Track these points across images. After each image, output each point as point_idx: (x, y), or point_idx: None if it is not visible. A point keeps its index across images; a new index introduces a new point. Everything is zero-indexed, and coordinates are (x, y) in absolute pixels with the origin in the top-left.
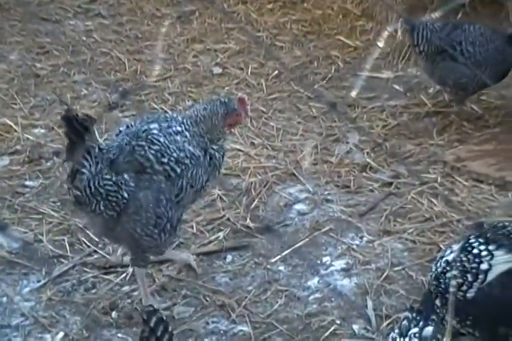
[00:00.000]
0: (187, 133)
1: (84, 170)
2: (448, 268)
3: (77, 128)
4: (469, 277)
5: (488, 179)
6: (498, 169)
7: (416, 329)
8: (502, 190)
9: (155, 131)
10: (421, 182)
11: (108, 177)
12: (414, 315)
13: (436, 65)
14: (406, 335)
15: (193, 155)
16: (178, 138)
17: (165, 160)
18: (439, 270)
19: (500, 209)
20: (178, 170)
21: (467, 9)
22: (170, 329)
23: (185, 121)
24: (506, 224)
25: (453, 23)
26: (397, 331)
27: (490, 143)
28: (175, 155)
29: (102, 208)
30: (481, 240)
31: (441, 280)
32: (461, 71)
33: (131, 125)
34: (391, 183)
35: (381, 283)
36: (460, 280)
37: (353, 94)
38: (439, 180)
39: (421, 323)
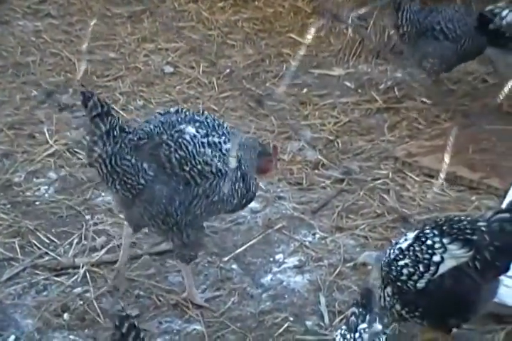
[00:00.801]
0: (224, 146)
1: (96, 147)
2: (401, 256)
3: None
4: (421, 267)
5: (438, 174)
6: (448, 164)
7: (364, 325)
8: (453, 185)
9: (187, 137)
10: (372, 179)
11: (128, 157)
12: (360, 310)
13: (417, 46)
14: (356, 331)
15: (219, 171)
16: (210, 151)
17: (187, 168)
18: (392, 257)
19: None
20: (198, 181)
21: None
22: (141, 335)
23: (228, 132)
24: (462, 218)
25: (428, 8)
26: (345, 327)
27: (440, 139)
28: (199, 167)
29: (118, 187)
30: (435, 232)
31: (393, 268)
32: (444, 46)
33: (180, 111)
34: (343, 180)
35: (334, 279)
36: (411, 270)
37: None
38: (390, 175)
39: (367, 318)
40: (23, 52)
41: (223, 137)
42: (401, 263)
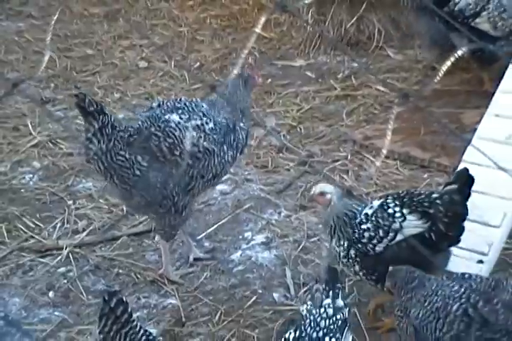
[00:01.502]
0: (206, 127)
1: (91, 145)
2: (364, 221)
3: (83, 108)
4: (381, 232)
5: (393, 154)
6: (402, 145)
7: (328, 300)
8: (406, 164)
9: (173, 125)
10: (333, 160)
11: (122, 153)
12: (323, 286)
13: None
14: (321, 306)
15: (206, 150)
16: (194, 133)
17: (177, 153)
18: (357, 220)
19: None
20: (190, 163)
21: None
22: (129, 310)
23: (207, 112)
24: (421, 192)
25: None
26: (310, 303)
27: (394, 122)
28: (187, 149)
29: (116, 181)
30: (397, 202)
31: (357, 230)
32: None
33: (162, 103)
34: (306, 162)
35: (298, 254)
36: (372, 234)
37: None
38: (349, 157)
39: (331, 293)
40: (7, 51)
41: (204, 118)
42: (364, 226)
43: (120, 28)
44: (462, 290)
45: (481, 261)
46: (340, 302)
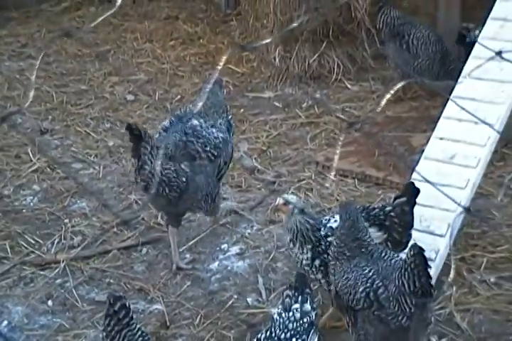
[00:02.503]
0: (217, 122)
1: (145, 166)
2: (330, 234)
3: (136, 135)
4: None
5: (351, 174)
6: (358, 165)
7: (297, 305)
8: (363, 182)
9: (198, 128)
10: (298, 180)
11: (168, 167)
12: (293, 292)
13: (388, 46)
14: (290, 310)
15: (223, 139)
16: (214, 129)
17: (207, 148)
18: (322, 233)
19: None
20: (217, 153)
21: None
22: (131, 314)
23: (210, 115)
24: (375, 206)
25: (408, 20)
26: (281, 307)
27: (352, 146)
28: (213, 143)
29: (166, 191)
30: None
31: (323, 243)
32: (404, 56)
33: (172, 121)
34: (274, 182)
35: (269, 263)
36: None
37: None
38: (312, 177)
39: (299, 298)
40: (10, 88)
41: (214, 116)
42: (330, 239)
43: (110, 66)
44: (370, 274)
45: (429, 266)
46: (307, 306)
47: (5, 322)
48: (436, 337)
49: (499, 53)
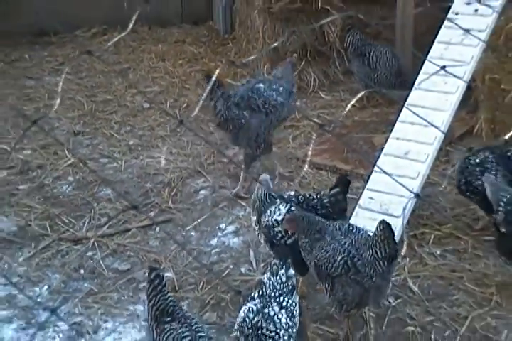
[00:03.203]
0: (280, 88)
1: (218, 105)
2: (276, 225)
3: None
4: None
5: (325, 167)
6: (330, 160)
7: (282, 271)
8: (334, 174)
9: (261, 89)
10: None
11: (234, 110)
12: (279, 261)
13: (353, 63)
14: (277, 275)
15: (281, 102)
16: (274, 93)
17: (266, 106)
18: (270, 224)
19: None
20: (272, 110)
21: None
22: (164, 282)
23: (276, 82)
24: (314, 196)
25: (368, 42)
26: (269, 273)
27: (325, 144)
28: (272, 103)
29: (231, 128)
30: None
31: (271, 231)
32: (366, 70)
33: (249, 81)
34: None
35: (258, 239)
36: (283, 233)
37: None
38: (293, 170)
39: (284, 266)
40: (49, 97)
41: (277, 84)
42: (276, 229)
43: (130, 80)
44: (346, 245)
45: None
46: (291, 272)
47: (45, 287)
48: (393, 299)
49: (443, 67)
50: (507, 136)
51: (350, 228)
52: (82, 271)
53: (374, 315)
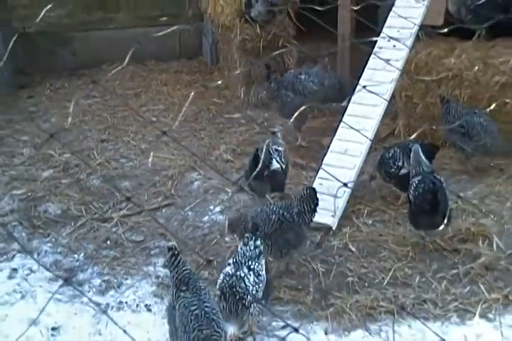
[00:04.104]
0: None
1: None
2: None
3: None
4: None
5: (302, 166)
6: (291, 157)
7: (251, 242)
8: (293, 167)
9: (302, 79)
10: None
11: (283, 91)
12: (249, 234)
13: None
14: (247, 244)
15: (315, 90)
16: (310, 83)
17: (303, 91)
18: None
19: None
20: (306, 94)
21: None
22: (179, 260)
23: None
24: None
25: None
26: (242, 243)
27: (299, 152)
28: (308, 88)
29: (279, 102)
30: None
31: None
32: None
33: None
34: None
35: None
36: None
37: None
38: None
39: (253, 238)
40: (83, 115)
41: (312, 76)
42: None
43: (142, 100)
44: (277, 208)
45: (332, 216)
46: (258, 242)
47: (82, 254)
48: (337, 257)
49: (364, 87)
50: (412, 137)
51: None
52: (108, 242)
53: (324, 270)
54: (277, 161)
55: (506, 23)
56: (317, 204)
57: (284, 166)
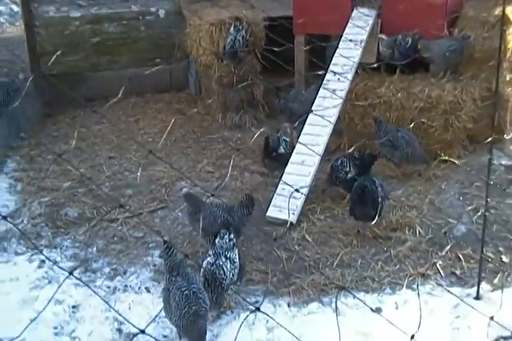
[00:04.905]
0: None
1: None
2: None
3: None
4: None
5: (256, 171)
6: (260, 166)
7: (226, 236)
8: (262, 175)
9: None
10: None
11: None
12: (224, 230)
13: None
14: (223, 238)
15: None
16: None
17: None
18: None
19: None
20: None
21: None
22: (172, 249)
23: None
24: None
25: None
26: (219, 237)
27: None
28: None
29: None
30: None
31: None
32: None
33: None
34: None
35: None
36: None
37: None
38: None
39: (227, 232)
40: (95, 137)
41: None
42: None
43: (140, 125)
44: (222, 212)
45: (293, 214)
46: (232, 236)
47: (95, 248)
48: (297, 246)
49: (312, 111)
50: (350, 150)
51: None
52: (115, 238)
53: (286, 256)
54: (283, 148)
55: (421, 62)
56: (253, 209)
57: (288, 151)
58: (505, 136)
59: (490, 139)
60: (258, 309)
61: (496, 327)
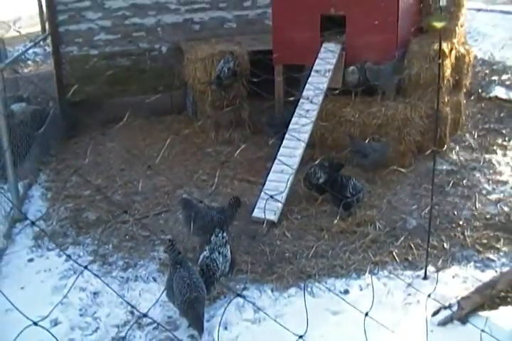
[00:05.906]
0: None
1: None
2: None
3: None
4: None
5: (243, 179)
6: (256, 179)
7: (220, 234)
8: (248, 183)
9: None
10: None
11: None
12: (218, 229)
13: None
14: (217, 236)
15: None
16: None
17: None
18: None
19: None
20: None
21: (234, 126)
22: (175, 248)
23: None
24: None
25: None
26: (214, 235)
27: (251, 172)
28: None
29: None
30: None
31: None
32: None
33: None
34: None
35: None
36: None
37: None
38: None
39: (221, 230)
40: (110, 153)
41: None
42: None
43: (147, 142)
44: (215, 213)
45: (274, 214)
46: (225, 234)
47: (110, 245)
48: (279, 241)
49: (285, 133)
50: (318, 160)
51: (217, 207)
52: (127, 237)
53: (269, 250)
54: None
55: (378, 87)
56: (240, 207)
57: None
58: (445, 146)
59: (433, 149)
60: (239, 295)
61: (440, 299)
